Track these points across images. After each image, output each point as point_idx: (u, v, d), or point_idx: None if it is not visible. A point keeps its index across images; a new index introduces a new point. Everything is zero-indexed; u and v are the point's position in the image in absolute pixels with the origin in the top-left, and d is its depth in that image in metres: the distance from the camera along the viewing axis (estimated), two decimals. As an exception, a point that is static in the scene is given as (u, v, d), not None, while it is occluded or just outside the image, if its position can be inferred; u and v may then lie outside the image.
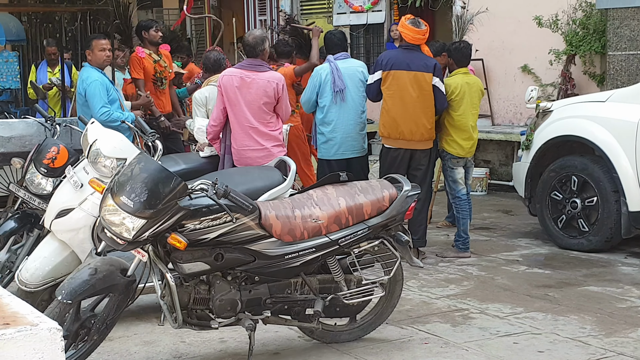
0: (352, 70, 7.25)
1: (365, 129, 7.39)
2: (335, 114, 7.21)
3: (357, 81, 7.23)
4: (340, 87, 7.14)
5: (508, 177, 10.17)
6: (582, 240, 7.39)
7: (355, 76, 7.24)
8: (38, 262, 4.85)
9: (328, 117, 7.23)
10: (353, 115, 7.23)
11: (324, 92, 7.22)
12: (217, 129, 6.32)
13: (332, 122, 7.22)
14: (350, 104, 7.21)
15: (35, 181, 5.49)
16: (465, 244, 7.26)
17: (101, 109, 6.60)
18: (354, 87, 7.21)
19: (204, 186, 4.20)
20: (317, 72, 7.33)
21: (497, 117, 11.16)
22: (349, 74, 7.22)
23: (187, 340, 5.04)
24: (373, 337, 5.07)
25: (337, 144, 7.24)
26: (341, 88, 7.14)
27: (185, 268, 4.28)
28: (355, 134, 7.27)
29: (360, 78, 7.25)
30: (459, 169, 7.27)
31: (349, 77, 7.20)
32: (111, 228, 4.08)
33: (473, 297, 6.02)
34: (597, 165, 7.27)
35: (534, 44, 10.56)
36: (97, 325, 4.26)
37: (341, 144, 7.23)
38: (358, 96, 7.24)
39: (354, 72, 7.25)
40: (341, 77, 7.14)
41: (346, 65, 7.27)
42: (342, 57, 7.32)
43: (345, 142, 7.23)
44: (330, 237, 4.56)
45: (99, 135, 5.02)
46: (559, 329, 5.28)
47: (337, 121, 7.21)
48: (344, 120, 7.21)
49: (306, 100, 7.39)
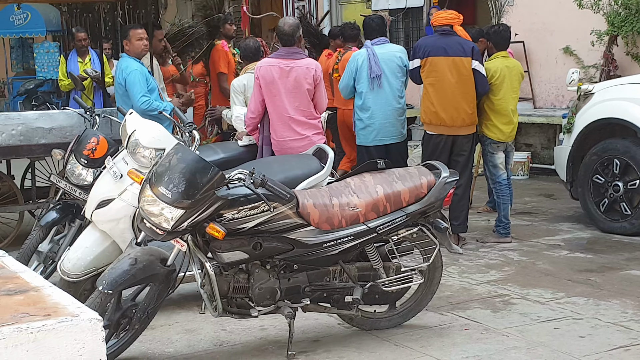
0: (389, 56, 7.20)
1: (404, 114, 7.35)
2: (372, 100, 7.18)
3: (394, 67, 7.18)
4: (376, 73, 7.11)
5: (550, 160, 10.06)
6: (624, 224, 7.29)
7: (393, 62, 7.19)
8: (80, 252, 4.90)
9: (365, 104, 7.21)
10: (391, 101, 7.20)
11: (360, 78, 7.20)
12: (256, 121, 6.31)
13: (370, 109, 7.20)
14: (388, 90, 7.17)
15: (75, 172, 5.54)
16: (506, 229, 7.21)
17: (141, 97, 6.63)
18: (391, 73, 7.17)
19: (241, 176, 4.22)
20: (354, 57, 7.32)
21: (539, 100, 11.03)
22: (386, 59, 7.17)
23: (228, 328, 5.08)
24: (412, 323, 5.06)
25: (375, 130, 7.21)
26: (377, 74, 7.11)
27: (224, 257, 4.31)
28: (394, 119, 7.23)
29: (398, 64, 7.20)
30: (499, 154, 7.20)
31: (386, 63, 7.16)
32: (150, 218, 4.12)
33: (514, 283, 5.98)
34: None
35: (575, 25, 10.41)
36: (139, 314, 4.32)
37: (379, 130, 7.21)
38: (396, 82, 7.20)
39: (392, 58, 7.20)
40: (378, 62, 7.10)
41: (384, 50, 7.22)
42: (380, 43, 7.27)
43: (384, 128, 7.21)
44: (368, 224, 4.56)
45: (137, 125, 5.04)
46: (600, 313, 5.22)
47: (375, 107, 7.18)
48: (382, 106, 7.18)
49: (344, 86, 7.38)
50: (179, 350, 4.81)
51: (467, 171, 6.98)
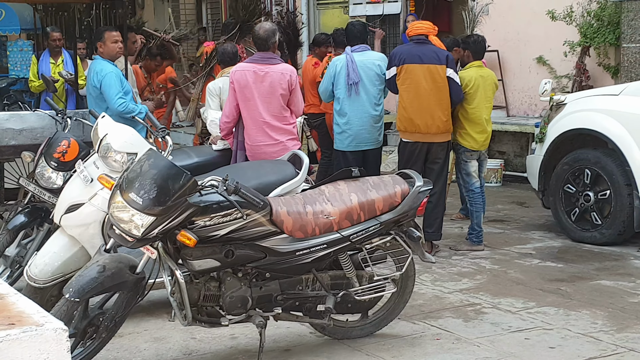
0: (368, 63, 7.21)
1: (380, 121, 7.35)
2: (349, 106, 7.20)
3: (372, 74, 7.19)
4: (354, 80, 7.12)
5: (523, 168, 10.11)
6: (595, 234, 7.34)
7: (372, 69, 7.19)
8: (47, 258, 4.83)
9: (342, 109, 7.24)
10: (367, 109, 7.21)
11: (338, 83, 7.23)
12: (231, 125, 6.27)
13: (347, 115, 7.22)
14: (364, 97, 7.18)
15: (45, 175, 5.46)
16: (478, 237, 7.23)
17: (118, 99, 6.59)
18: (368, 80, 7.18)
19: (214, 182, 4.18)
20: (333, 62, 7.37)
21: (512, 108, 11.10)
22: (364, 66, 7.18)
23: (198, 336, 5.03)
24: (385, 333, 5.04)
25: (351, 136, 7.23)
26: (355, 81, 7.12)
27: (195, 265, 4.26)
28: (369, 126, 7.24)
29: (377, 71, 7.20)
30: (472, 162, 7.23)
31: (364, 70, 7.17)
32: (120, 225, 4.06)
33: (486, 292, 5.98)
34: (610, 159, 7.21)
35: (548, 35, 10.49)
36: (106, 322, 4.24)
37: (355, 136, 7.23)
38: (373, 89, 7.21)
39: (371, 65, 7.21)
40: (356, 70, 7.12)
41: (363, 57, 7.23)
42: (360, 50, 7.28)
43: (360, 134, 7.23)
44: (342, 233, 4.53)
45: (109, 129, 4.98)
46: (570, 324, 5.24)
47: (351, 114, 7.20)
48: (358, 113, 7.19)
49: (323, 90, 7.47)
50: (147, 359, 4.75)
51: (441, 179, 6.99)
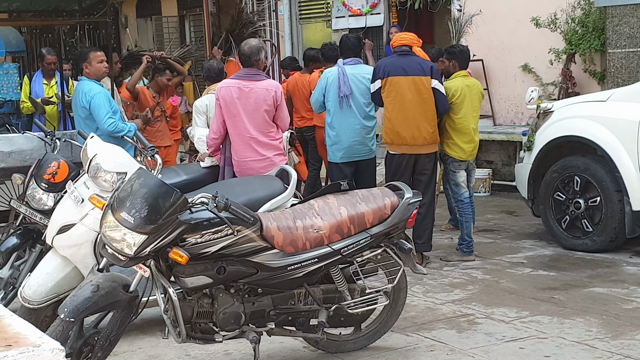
0: (360, 77, 7.24)
1: (372, 132, 7.39)
2: (339, 119, 7.25)
3: (364, 88, 7.22)
4: (345, 92, 7.18)
5: (511, 177, 10.14)
6: (586, 241, 7.36)
7: (363, 83, 7.22)
8: (41, 279, 4.83)
9: (333, 122, 7.30)
10: (359, 121, 7.25)
11: (329, 96, 7.28)
12: (218, 142, 6.29)
13: (337, 127, 7.26)
14: (355, 110, 7.22)
15: (36, 197, 5.47)
16: (469, 247, 7.25)
17: (108, 119, 6.61)
18: (360, 93, 7.22)
19: (204, 199, 4.19)
20: (324, 75, 7.44)
21: (499, 117, 11.14)
22: (356, 80, 7.22)
23: (192, 353, 5.03)
24: (378, 345, 5.05)
25: (343, 148, 7.28)
26: (346, 94, 7.18)
27: (187, 282, 4.27)
28: (361, 138, 7.28)
29: (368, 85, 7.23)
30: (461, 172, 7.25)
31: (355, 84, 7.21)
32: (112, 244, 4.07)
33: (478, 302, 6.00)
34: (600, 165, 7.25)
35: (533, 43, 10.55)
36: (101, 341, 4.24)
37: (347, 148, 7.28)
38: (364, 102, 7.24)
39: (362, 79, 7.24)
40: (347, 82, 7.17)
41: (355, 71, 7.27)
42: (352, 63, 7.32)
43: (352, 146, 7.28)
44: (333, 247, 4.54)
45: (98, 149, 5.00)
46: (565, 332, 5.25)
47: (342, 126, 7.24)
48: (350, 125, 7.23)
49: (314, 101, 7.55)
50: (143, 376, 4.75)
51: (430, 190, 7.01)
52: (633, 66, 9.15)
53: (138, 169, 4.43)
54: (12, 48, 14.48)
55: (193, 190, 5.05)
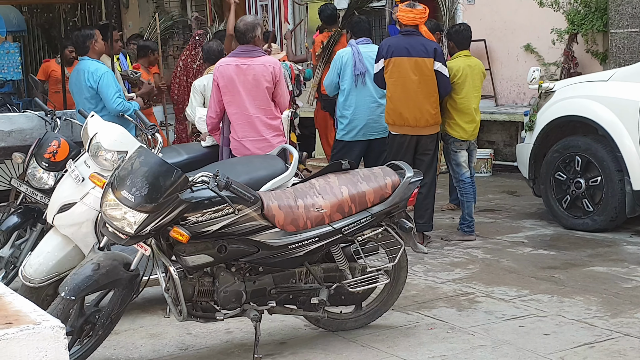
0: (373, 55, 7.27)
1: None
2: (356, 97, 7.34)
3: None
4: (361, 70, 7.26)
5: (512, 157, 10.13)
6: (586, 220, 7.37)
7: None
8: (42, 258, 4.84)
9: (349, 101, 7.37)
10: (375, 98, 7.35)
11: (344, 75, 7.34)
12: (216, 121, 6.27)
13: (354, 105, 7.32)
14: (371, 87, 7.31)
15: (36, 176, 5.47)
16: (470, 227, 7.25)
17: (117, 99, 6.72)
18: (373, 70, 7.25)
19: (205, 178, 4.19)
20: (339, 55, 7.51)
21: (501, 97, 11.11)
22: (370, 58, 7.29)
23: (193, 331, 5.05)
24: (379, 324, 5.06)
25: (358, 126, 7.34)
26: (362, 71, 7.26)
27: (188, 261, 4.27)
28: (377, 116, 7.37)
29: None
30: (462, 152, 7.24)
31: (369, 61, 7.26)
32: (113, 223, 4.08)
33: (479, 281, 6.01)
34: (601, 145, 7.24)
35: (536, 23, 10.50)
36: (102, 320, 4.27)
37: (363, 126, 7.34)
38: None
39: (375, 56, 7.26)
40: (362, 60, 7.26)
41: (367, 49, 7.40)
42: (363, 42, 7.47)
43: (367, 124, 7.34)
44: (334, 225, 4.55)
45: (99, 128, 4.99)
46: (564, 310, 5.27)
47: (359, 104, 7.33)
48: (366, 103, 7.33)
49: (329, 83, 7.57)
50: (144, 355, 4.76)
51: (431, 170, 7.02)
52: (635, 46, 9.12)
53: (138, 147, 4.43)
54: (12, 27, 14.42)
55: (194, 169, 5.05)
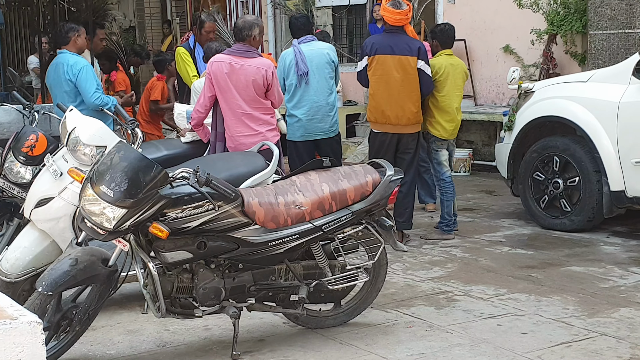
0: (317, 53, 7.24)
1: (334, 110, 7.35)
2: (300, 97, 7.24)
3: (322, 63, 7.21)
4: (303, 70, 7.16)
5: (491, 157, 10.18)
6: (564, 220, 7.41)
7: (321, 58, 7.22)
8: (18, 252, 4.80)
9: (294, 100, 7.26)
10: (318, 98, 7.23)
11: (289, 75, 7.25)
12: (203, 116, 6.27)
13: (298, 105, 7.24)
14: (315, 87, 7.21)
15: (14, 170, 5.41)
16: (449, 225, 7.27)
17: (95, 93, 6.74)
18: (318, 70, 7.20)
19: (185, 174, 4.17)
20: (282, 57, 7.40)
21: (480, 97, 11.16)
22: (313, 57, 7.21)
23: (171, 328, 5.02)
24: (358, 321, 5.06)
25: (303, 126, 7.24)
26: (304, 71, 7.16)
27: (167, 257, 4.25)
28: (322, 115, 7.25)
29: (326, 60, 7.22)
30: (442, 152, 7.27)
31: (312, 61, 7.19)
32: (91, 218, 4.05)
33: (457, 279, 6.03)
34: (579, 146, 7.28)
35: (515, 24, 10.56)
36: (79, 315, 4.24)
37: (307, 126, 7.24)
38: (324, 78, 7.23)
39: (319, 55, 7.23)
40: (304, 60, 7.15)
41: (311, 48, 7.26)
42: (306, 41, 7.33)
43: (312, 124, 7.24)
44: (314, 223, 4.54)
45: (78, 122, 4.95)
46: (542, 310, 5.29)
47: (303, 104, 7.22)
48: (309, 103, 7.22)
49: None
50: (121, 351, 4.73)
51: (412, 169, 7.02)
52: (614, 48, 9.19)
53: (118, 142, 4.40)
54: (-10, 21, 14.28)
55: (174, 165, 5.03)
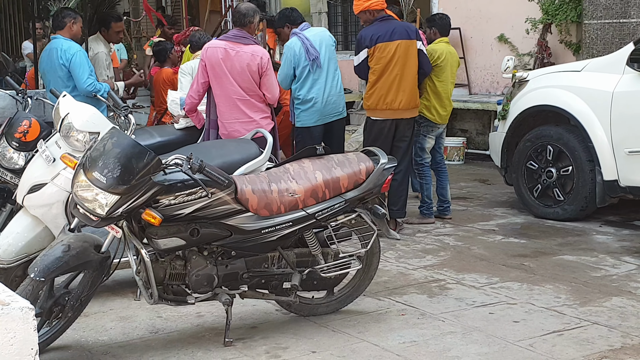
0: (319, 36, 7.23)
1: (342, 90, 7.36)
2: (313, 80, 7.21)
3: (328, 45, 7.21)
4: (314, 54, 7.14)
5: (485, 146, 10.19)
6: (557, 209, 7.43)
7: (326, 41, 7.22)
8: (11, 238, 4.79)
9: (306, 85, 7.23)
10: (331, 79, 7.23)
11: (299, 63, 7.20)
12: (196, 102, 6.27)
13: (312, 90, 7.21)
14: (326, 68, 7.21)
15: (7, 155, 5.39)
16: (429, 209, 7.35)
17: (88, 79, 6.74)
18: (327, 52, 7.20)
19: (178, 161, 4.16)
20: (289, 47, 7.31)
21: (474, 86, 11.16)
22: (318, 40, 7.20)
23: (164, 315, 5.02)
24: (350, 309, 5.07)
25: (318, 110, 7.22)
26: (316, 55, 7.14)
27: (160, 244, 4.24)
28: (335, 96, 7.28)
29: (331, 42, 7.25)
30: (429, 139, 7.34)
31: (320, 44, 7.18)
32: (84, 204, 4.04)
33: (450, 268, 6.04)
34: (573, 135, 7.29)
35: (510, 12, 10.54)
36: (72, 302, 4.23)
37: (323, 109, 7.24)
38: (330, 58, 7.22)
39: (323, 37, 7.22)
40: (313, 45, 7.14)
41: (312, 33, 7.26)
42: (305, 27, 7.32)
43: (327, 106, 7.24)
44: (307, 210, 4.54)
45: (71, 108, 4.93)
46: (534, 298, 5.31)
47: (317, 88, 7.21)
48: (323, 85, 7.21)
49: (284, 77, 7.34)
50: (114, 338, 4.73)
51: (406, 157, 7.03)
52: (608, 37, 9.19)
53: (111, 128, 4.38)
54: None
55: (167, 152, 5.01)
